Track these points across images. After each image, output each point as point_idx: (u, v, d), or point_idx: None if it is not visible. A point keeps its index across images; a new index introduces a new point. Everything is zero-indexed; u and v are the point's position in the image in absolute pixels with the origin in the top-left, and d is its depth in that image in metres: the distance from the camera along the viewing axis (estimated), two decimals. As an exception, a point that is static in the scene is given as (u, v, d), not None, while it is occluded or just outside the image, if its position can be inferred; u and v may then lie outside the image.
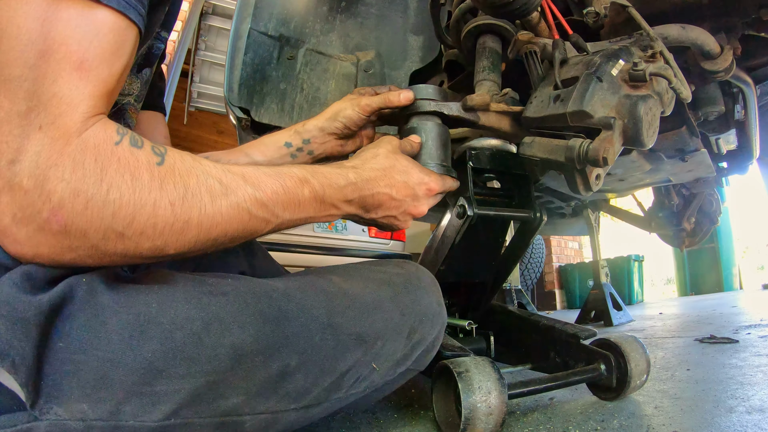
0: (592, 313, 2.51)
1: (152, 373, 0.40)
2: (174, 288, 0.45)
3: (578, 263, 5.14)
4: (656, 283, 10.39)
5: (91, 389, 0.39)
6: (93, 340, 0.40)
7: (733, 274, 4.57)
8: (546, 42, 0.75)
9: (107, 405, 0.40)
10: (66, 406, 0.39)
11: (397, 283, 0.60)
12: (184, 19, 3.02)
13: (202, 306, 0.44)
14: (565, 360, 0.88)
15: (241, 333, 0.44)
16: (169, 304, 0.43)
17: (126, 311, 0.42)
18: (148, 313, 0.42)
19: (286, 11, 1.37)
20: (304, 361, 0.47)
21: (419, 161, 0.72)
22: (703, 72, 0.84)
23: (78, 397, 0.39)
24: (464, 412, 0.62)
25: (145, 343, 0.41)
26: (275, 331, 0.46)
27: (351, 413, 0.86)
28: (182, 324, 0.42)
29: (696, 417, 0.69)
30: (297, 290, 0.51)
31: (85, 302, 0.41)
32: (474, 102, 0.75)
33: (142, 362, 0.40)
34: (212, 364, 0.42)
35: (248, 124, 1.28)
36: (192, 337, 0.42)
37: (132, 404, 0.40)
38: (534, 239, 0.92)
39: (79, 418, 0.39)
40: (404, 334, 0.57)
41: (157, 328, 0.41)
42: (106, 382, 0.39)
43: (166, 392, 0.41)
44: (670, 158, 1.13)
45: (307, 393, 0.49)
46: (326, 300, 0.52)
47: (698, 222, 1.88)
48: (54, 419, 0.38)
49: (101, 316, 0.41)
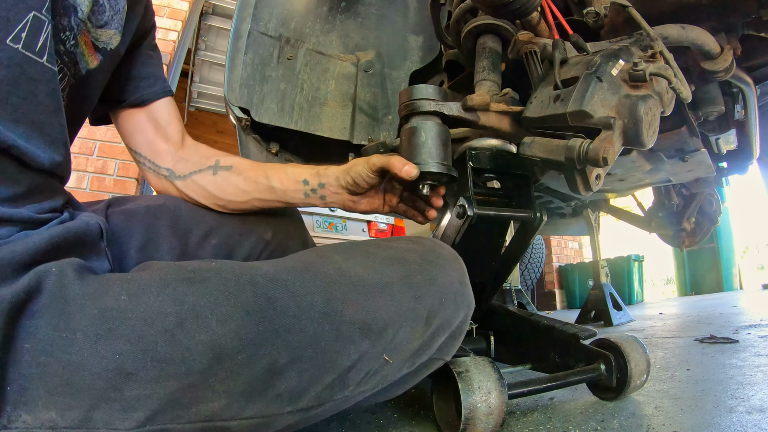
0: (592, 313, 2.51)
1: (121, 377, 0.37)
2: (149, 277, 0.42)
3: (578, 263, 5.14)
4: (656, 283, 10.40)
5: (59, 395, 0.36)
6: (57, 339, 0.36)
7: (733, 274, 4.57)
8: (546, 42, 0.75)
9: (76, 412, 0.36)
10: (34, 413, 0.36)
11: (410, 260, 0.54)
12: (184, 19, 3.02)
13: (176, 297, 0.40)
14: (565, 360, 0.88)
15: (220, 328, 0.40)
16: (140, 296, 0.40)
17: (92, 305, 0.38)
18: (117, 307, 0.38)
19: (286, 11, 1.37)
20: (297, 357, 0.42)
21: (419, 161, 0.72)
22: (703, 72, 0.84)
23: (45, 403, 0.36)
24: (464, 412, 0.62)
25: (112, 343, 0.37)
26: (261, 324, 0.41)
27: (351, 413, 0.86)
28: (153, 320, 0.39)
29: (696, 417, 0.69)
30: (288, 274, 0.46)
31: (53, 296, 0.38)
32: (474, 102, 0.75)
33: (109, 365, 0.37)
34: (187, 364, 0.38)
35: (248, 124, 1.28)
36: (164, 334, 0.38)
37: (102, 411, 0.37)
38: (534, 239, 0.92)
39: (48, 426, 0.36)
40: (421, 319, 0.51)
41: (125, 324, 0.38)
42: (73, 388, 0.36)
43: (138, 397, 0.37)
44: (670, 158, 1.13)
45: (304, 393, 0.43)
46: (323, 284, 0.46)
47: (698, 222, 1.88)
48: (22, 427, 0.35)
49: (67, 311, 0.37)
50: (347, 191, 0.73)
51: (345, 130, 1.39)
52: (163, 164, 0.76)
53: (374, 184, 0.73)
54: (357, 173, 0.71)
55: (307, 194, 0.74)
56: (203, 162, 0.76)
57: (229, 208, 0.76)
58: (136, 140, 0.76)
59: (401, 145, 0.76)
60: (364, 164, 0.71)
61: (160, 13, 2.94)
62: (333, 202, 0.75)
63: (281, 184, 0.74)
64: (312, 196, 0.74)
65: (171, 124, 0.77)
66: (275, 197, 0.75)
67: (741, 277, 4.70)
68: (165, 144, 0.76)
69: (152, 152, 0.76)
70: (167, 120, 0.76)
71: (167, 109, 0.77)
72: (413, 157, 0.73)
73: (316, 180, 0.74)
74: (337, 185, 0.73)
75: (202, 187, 0.75)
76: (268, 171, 0.75)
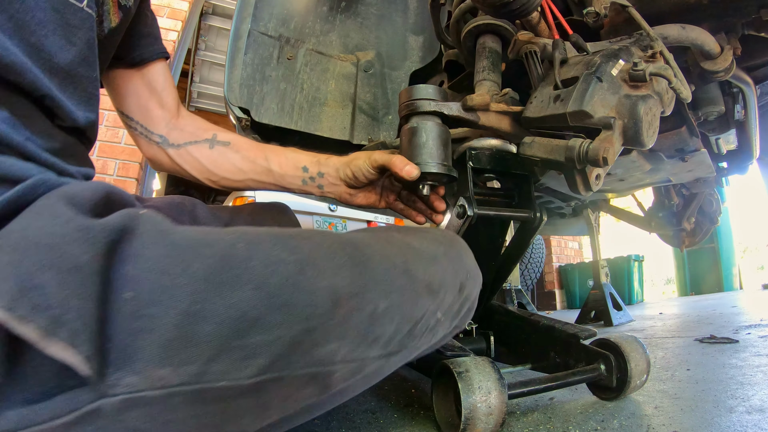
0: (592, 313, 2.51)
1: (246, 323, 0.34)
2: (255, 230, 0.41)
3: (578, 263, 5.14)
4: (656, 283, 10.40)
5: (174, 349, 0.32)
6: (171, 287, 0.32)
7: (733, 274, 4.57)
8: (546, 42, 0.75)
9: (193, 366, 0.33)
10: (142, 373, 0.31)
11: (444, 242, 0.60)
12: (184, 19, 3.02)
13: (292, 247, 0.40)
14: (565, 360, 0.88)
15: (335, 275, 0.41)
16: (258, 245, 0.38)
17: (210, 251, 0.35)
18: (237, 254, 0.36)
19: (286, 11, 1.37)
20: (390, 305, 0.45)
21: (419, 160, 0.72)
22: (703, 72, 0.84)
23: (157, 360, 0.32)
24: (464, 412, 0.62)
25: (237, 289, 0.35)
26: (365, 274, 0.44)
27: (351, 413, 0.86)
28: (276, 266, 0.37)
29: (696, 417, 0.69)
30: (371, 239, 0.50)
31: (154, 239, 0.34)
32: (474, 102, 0.75)
33: (234, 312, 0.34)
34: (310, 308, 0.38)
35: (248, 124, 1.28)
36: (287, 280, 0.37)
37: (221, 362, 0.34)
38: (534, 239, 0.92)
39: (158, 386, 0.32)
40: (457, 287, 0.56)
41: (249, 271, 0.36)
42: (192, 339, 0.32)
43: (261, 343, 0.35)
44: (670, 158, 1.13)
45: (391, 339, 0.47)
46: (398, 249, 0.51)
47: (698, 222, 1.88)
48: (127, 393, 0.31)
49: (180, 256, 0.34)
50: (345, 183, 0.74)
51: (345, 130, 1.39)
52: (156, 130, 0.73)
53: (373, 179, 0.74)
54: (357, 167, 0.72)
55: (305, 181, 0.74)
56: (199, 134, 0.74)
57: (221, 184, 0.75)
58: (129, 103, 0.72)
59: (401, 145, 0.76)
60: (365, 159, 0.72)
61: (160, 13, 2.94)
62: (330, 192, 0.76)
63: (280, 167, 0.74)
64: (310, 183, 0.74)
65: (166, 90, 0.74)
66: (272, 180, 0.74)
67: (741, 277, 4.70)
68: (159, 109, 0.74)
69: (145, 117, 0.73)
70: (162, 85, 0.74)
71: (163, 74, 0.74)
72: (414, 157, 0.73)
73: (316, 168, 0.74)
74: (336, 176, 0.73)
75: (196, 159, 0.73)
76: (268, 152, 0.75)
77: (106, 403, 0.31)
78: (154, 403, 0.32)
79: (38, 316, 0.27)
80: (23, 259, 0.28)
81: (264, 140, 1.37)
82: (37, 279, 0.28)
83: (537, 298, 5.18)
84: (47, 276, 0.28)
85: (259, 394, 0.37)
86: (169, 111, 0.75)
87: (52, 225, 0.30)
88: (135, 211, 0.35)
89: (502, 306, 1.10)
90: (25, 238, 0.29)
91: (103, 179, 2.53)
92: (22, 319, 0.27)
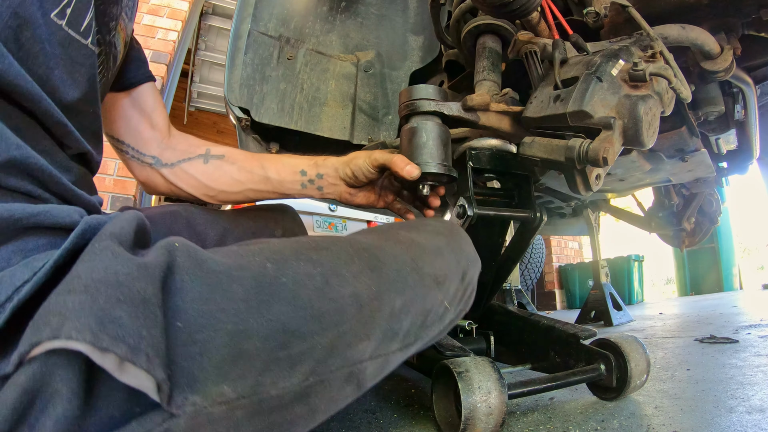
0: (592, 313, 2.51)
1: (287, 335, 0.38)
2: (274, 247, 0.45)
3: (578, 263, 5.14)
4: (656, 283, 10.39)
5: (229, 366, 0.35)
6: (215, 312, 0.36)
7: (733, 274, 4.57)
8: (546, 42, 0.75)
9: (248, 380, 0.36)
10: (203, 392, 0.34)
11: (444, 233, 0.62)
12: (184, 19, 3.01)
13: (314, 261, 0.44)
14: (565, 360, 0.88)
15: (356, 282, 0.45)
16: (284, 263, 0.42)
17: (244, 275, 0.39)
18: (267, 274, 0.40)
19: (286, 11, 1.37)
20: (405, 302, 0.49)
21: (419, 160, 0.72)
22: (703, 72, 0.84)
23: (214, 378, 0.34)
24: (464, 412, 0.62)
25: (274, 306, 0.38)
26: (380, 277, 0.48)
27: (351, 413, 0.87)
28: (304, 281, 0.41)
29: (696, 417, 0.69)
30: (379, 241, 0.53)
31: (192, 270, 0.37)
32: (474, 102, 0.76)
33: (275, 326, 0.38)
34: (340, 315, 0.42)
35: (248, 124, 1.28)
36: (316, 292, 0.41)
37: (272, 372, 0.38)
38: (534, 239, 0.92)
39: (220, 401, 0.35)
40: (460, 276, 0.60)
41: (281, 288, 0.40)
42: (243, 356, 0.36)
43: (303, 351, 0.39)
44: (670, 158, 1.13)
45: (408, 332, 0.51)
46: (406, 248, 0.54)
47: (698, 222, 1.87)
48: (192, 411, 0.33)
49: (220, 283, 0.37)
50: (345, 183, 0.74)
51: (345, 130, 1.39)
52: (148, 152, 0.73)
53: (373, 179, 0.74)
54: (357, 166, 0.72)
55: (304, 185, 0.74)
56: (192, 150, 0.74)
57: (219, 198, 0.75)
58: (119, 127, 0.72)
59: (401, 145, 0.76)
60: (365, 158, 0.72)
61: (160, 13, 2.94)
62: (330, 193, 0.76)
63: (278, 174, 0.73)
64: (309, 186, 0.74)
65: (156, 111, 0.74)
66: (270, 188, 0.74)
67: (741, 277, 4.70)
68: (150, 131, 0.73)
69: (136, 139, 0.73)
70: (152, 106, 0.74)
71: (152, 95, 0.74)
72: (414, 157, 0.73)
73: (314, 170, 0.74)
74: (335, 176, 0.73)
75: (191, 175, 0.73)
76: (264, 161, 0.75)
77: (175, 423, 0.33)
78: (219, 420, 0.35)
79: (118, 347, 0.30)
80: (97, 296, 0.31)
81: (264, 140, 1.37)
82: (113, 313, 0.30)
83: (537, 298, 5.18)
84: (121, 310, 0.31)
85: (308, 399, 0.41)
86: (160, 131, 0.74)
87: (114, 265, 0.33)
88: (171, 244, 0.38)
89: (502, 306, 1.10)
90: (95, 279, 0.32)
91: (103, 179, 2.53)
92: (105, 350, 0.29)
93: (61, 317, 0.29)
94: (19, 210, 0.37)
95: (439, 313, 0.56)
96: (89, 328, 0.29)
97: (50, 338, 0.29)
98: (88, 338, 0.29)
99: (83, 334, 0.29)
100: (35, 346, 0.29)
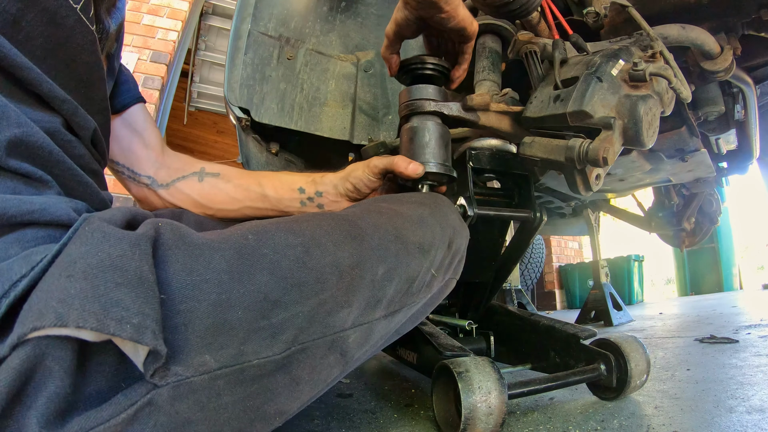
0: (592, 313, 2.51)
1: (268, 305, 0.39)
2: (258, 222, 0.45)
3: (578, 263, 5.14)
4: (656, 283, 10.39)
5: (211, 336, 0.36)
6: (199, 283, 0.37)
7: (733, 274, 4.56)
8: (546, 42, 0.75)
9: (229, 349, 0.37)
10: (186, 362, 0.35)
11: (428, 204, 0.63)
12: (184, 19, 3.01)
13: (295, 231, 0.45)
14: (565, 360, 0.88)
15: (337, 250, 0.46)
16: (265, 234, 0.43)
17: (226, 246, 0.40)
18: (248, 245, 0.41)
19: (286, 11, 1.37)
20: (388, 269, 0.50)
21: (420, 161, 0.72)
22: (703, 72, 0.84)
23: (197, 348, 0.35)
24: (464, 412, 0.62)
25: (255, 276, 0.39)
26: (361, 245, 0.48)
27: (351, 413, 0.87)
28: (284, 251, 0.42)
29: (696, 417, 0.69)
30: (362, 213, 0.54)
31: (175, 243, 0.38)
32: (474, 102, 0.76)
33: (257, 296, 0.39)
34: (320, 284, 0.43)
35: (248, 124, 1.28)
36: (297, 262, 0.42)
37: (253, 341, 0.38)
38: (534, 239, 0.92)
39: (202, 371, 0.36)
40: (446, 244, 0.60)
41: (262, 259, 0.41)
42: (225, 326, 0.37)
43: (284, 320, 0.40)
44: (670, 158, 1.13)
45: (392, 300, 0.52)
46: (388, 218, 0.55)
47: (698, 222, 1.87)
48: (175, 380, 0.34)
49: (203, 255, 0.38)
50: (347, 198, 0.73)
51: (345, 130, 1.39)
52: (143, 172, 0.72)
53: (375, 187, 0.73)
54: (357, 179, 0.71)
55: (303, 203, 0.74)
56: (186, 168, 0.74)
57: (219, 216, 0.74)
58: (112, 148, 0.71)
59: (402, 145, 0.76)
60: (364, 168, 0.71)
61: (160, 13, 2.95)
62: (331, 210, 0.75)
63: (275, 192, 0.73)
64: (309, 204, 0.74)
65: (148, 130, 0.74)
66: (269, 205, 0.73)
67: (741, 277, 4.69)
68: (144, 150, 0.73)
69: (130, 160, 0.72)
70: (143, 125, 0.73)
71: (143, 114, 0.74)
72: (415, 157, 0.73)
73: (313, 188, 0.73)
74: (335, 193, 0.73)
75: (187, 195, 0.72)
76: (261, 178, 0.74)
77: (158, 393, 0.34)
78: (201, 389, 0.36)
79: (123, 330, 0.31)
80: (97, 282, 0.32)
81: (264, 140, 1.37)
82: (115, 296, 0.31)
83: (537, 298, 5.18)
84: (122, 292, 0.32)
85: (290, 368, 0.42)
86: (154, 150, 0.74)
87: (107, 247, 0.33)
88: (156, 221, 0.39)
89: (502, 306, 1.10)
90: (92, 264, 0.32)
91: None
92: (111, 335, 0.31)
93: (65, 304, 0.30)
94: (13, 206, 0.37)
95: (425, 281, 0.57)
96: (95, 315, 0.30)
97: (55, 325, 0.30)
98: (95, 325, 0.30)
99: (89, 322, 0.30)
100: (36, 330, 0.30)
